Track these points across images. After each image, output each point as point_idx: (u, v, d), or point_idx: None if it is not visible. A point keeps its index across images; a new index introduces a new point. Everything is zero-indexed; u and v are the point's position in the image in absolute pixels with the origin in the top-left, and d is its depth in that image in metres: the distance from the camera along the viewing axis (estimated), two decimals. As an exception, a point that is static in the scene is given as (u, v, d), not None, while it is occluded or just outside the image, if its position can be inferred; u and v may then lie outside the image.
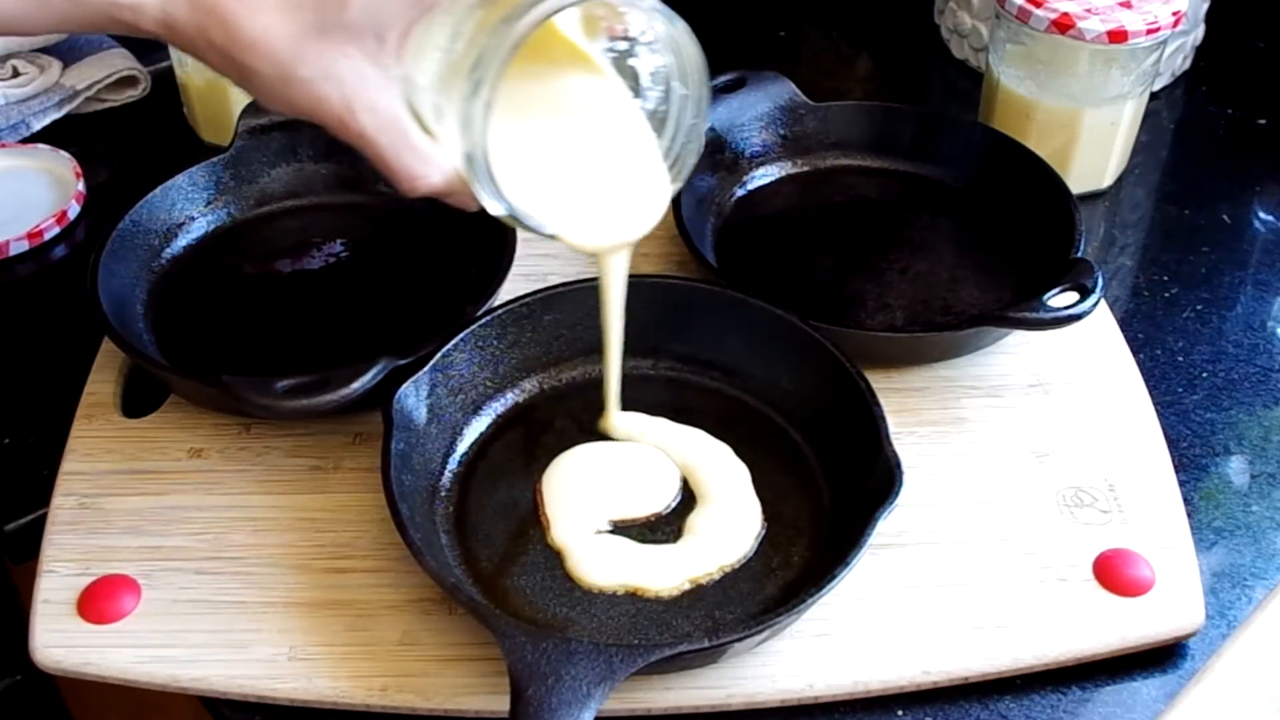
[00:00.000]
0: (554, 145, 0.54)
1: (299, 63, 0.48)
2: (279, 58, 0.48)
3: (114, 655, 0.55)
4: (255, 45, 0.48)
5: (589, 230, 0.56)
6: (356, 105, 0.49)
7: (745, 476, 0.62)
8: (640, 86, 0.55)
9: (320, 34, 0.48)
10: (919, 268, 0.75)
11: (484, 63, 0.47)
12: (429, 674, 0.54)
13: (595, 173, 0.55)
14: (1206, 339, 0.75)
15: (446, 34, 0.49)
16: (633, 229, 0.57)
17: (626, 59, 0.55)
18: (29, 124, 0.89)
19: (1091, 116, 0.82)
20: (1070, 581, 0.58)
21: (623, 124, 0.55)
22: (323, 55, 0.48)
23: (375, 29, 0.48)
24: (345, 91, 0.49)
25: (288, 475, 0.63)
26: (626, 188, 0.56)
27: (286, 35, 0.48)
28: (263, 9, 0.48)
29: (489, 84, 0.47)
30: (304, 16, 0.48)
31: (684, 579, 0.58)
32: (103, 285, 0.67)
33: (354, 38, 0.48)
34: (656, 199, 0.56)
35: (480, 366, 0.66)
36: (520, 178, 0.51)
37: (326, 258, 0.76)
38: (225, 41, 0.48)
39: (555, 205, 0.53)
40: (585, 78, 0.55)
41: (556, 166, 0.54)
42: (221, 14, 0.48)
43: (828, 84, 1.01)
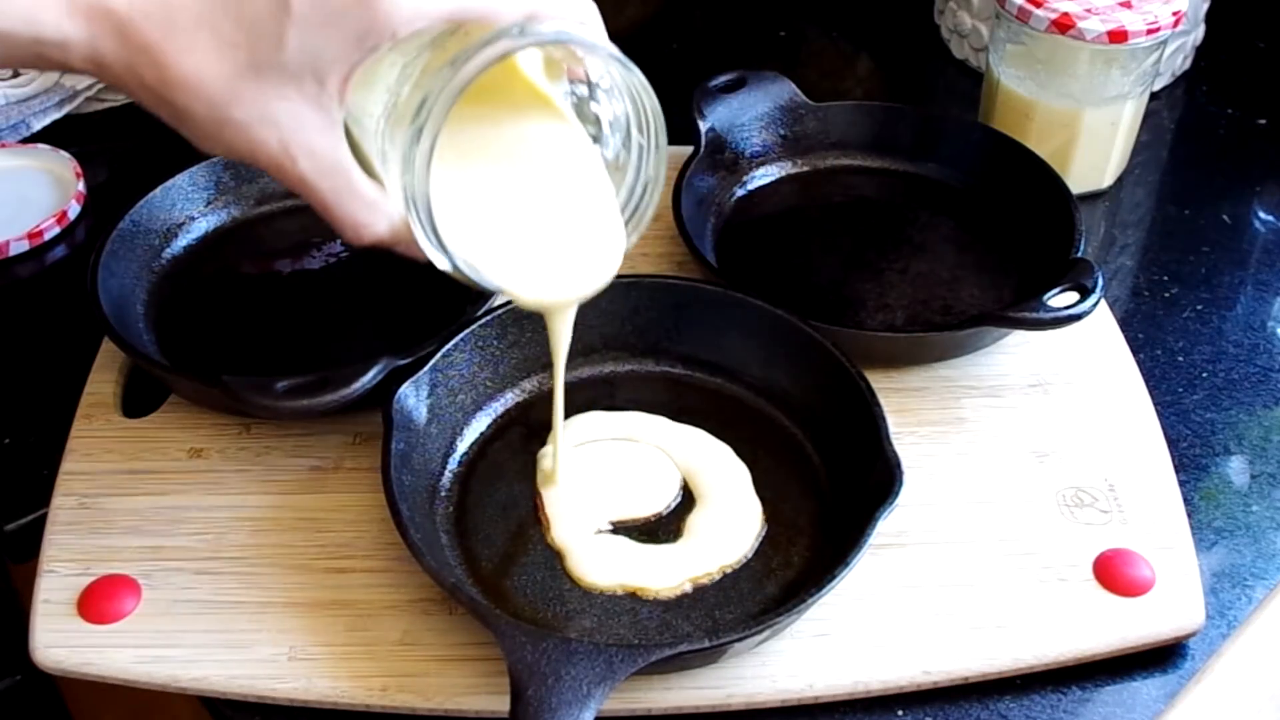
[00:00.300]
0: (504, 194, 0.52)
1: (233, 104, 0.46)
2: (212, 99, 0.45)
3: (114, 655, 0.55)
4: (187, 85, 0.45)
5: (537, 286, 0.53)
6: (295, 150, 0.47)
7: (746, 477, 0.62)
8: (601, 134, 0.53)
9: (256, 75, 0.45)
10: (919, 268, 0.75)
11: (427, 108, 0.45)
12: (429, 674, 0.54)
13: (547, 224, 0.53)
14: (1206, 339, 0.75)
15: (395, 74, 0.47)
16: (584, 285, 0.54)
17: (587, 104, 0.53)
18: (29, 124, 0.89)
19: (1091, 116, 0.82)
20: (1070, 581, 0.58)
21: (579, 173, 0.53)
22: (259, 97, 0.46)
23: (315, 70, 0.45)
24: (283, 135, 0.46)
25: (288, 475, 0.63)
26: (579, 241, 0.53)
27: (220, 75, 0.45)
28: (195, 48, 0.45)
29: (431, 130, 0.45)
30: (238, 56, 0.45)
31: (684, 579, 0.58)
32: (103, 285, 0.67)
33: (292, 79, 0.45)
34: (610, 254, 0.53)
35: (480, 366, 0.66)
36: (466, 228, 0.49)
37: (326, 258, 0.76)
38: (156, 81, 0.45)
39: (502, 258, 0.51)
40: (543, 122, 0.52)
41: (505, 217, 0.52)
42: (153, 53, 0.45)
43: (828, 84, 1.01)
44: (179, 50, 0.45)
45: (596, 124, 0.53)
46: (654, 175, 0.52)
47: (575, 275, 0.54)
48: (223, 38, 0.45)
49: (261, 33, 0.45)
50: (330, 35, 0.45)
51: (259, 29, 0.45)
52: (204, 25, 0.45)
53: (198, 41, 0.45)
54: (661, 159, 0.51)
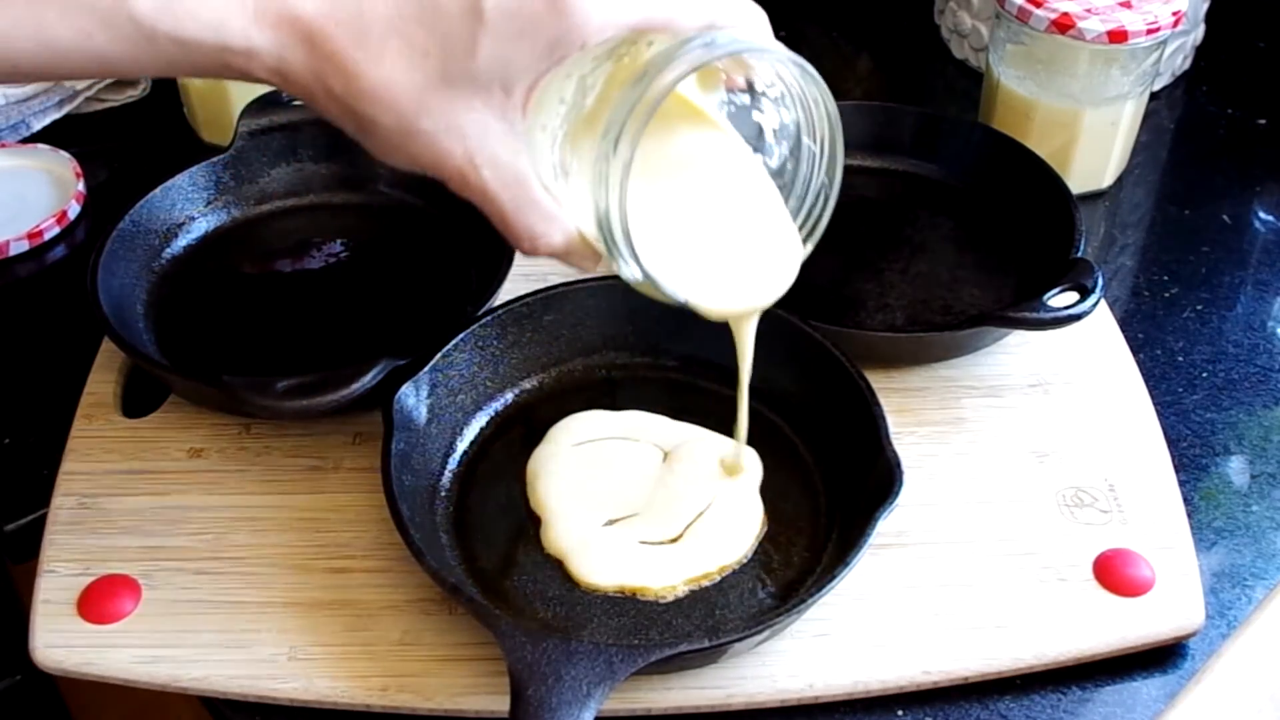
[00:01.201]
0: (682, 208, 0.51)
1: (422, 114, 0.45)
2: (402, 109, 0.45)
3: (114, 655, 0.55)
4: (377, 95, 0.45)
5: (721, 296, 0.53)
6: (479, 159, 0.46)
7: (753, 479, 0.62)
8: (763, 142, 0.52)
9: (446, 84, 0.45)
10: (919, 268, 0.75)
11: (622, 120, 0.44)
12: (429, 674, 0.54)
13: (725, 236, 0.52)
14: (1206, 339, 0.75)
15: (572, 87, 0.47)
16: (765, 294, 0.54)
17: (748, 112, 0.52)
18: (29, 124, 0.89)
19: (1091, 116, 0.82)
20: (1070, 581, 0.58)
21: (747, 183, 0.52)
22: (447, 107, 0.45)
23: (503, 80, 0.45)
24: (469, 146, 0.46)
25: (288, 475, 0.63)
26: (757, 251, 0.53)
27: (411, 85, 0.44)
28: (386, 57, 0.44)
29: (629, 143, 0.44)
30: (429, 65, 0.44)
31: (684, 580, 0.58)
32: (103, 285, 0.67)
33: (480, 89, 0.45)
34: (787, 261, 0.53)
35: (480, 366, 0.66)
36: (650, 242, 0.48)
37: (326, 258, 0.76)
38: (345, 91, 0.45)
39: (686, 270, 0.51)
40: (704, 134, 0.52)
41: (686, 229, 0.52)
42: (342, 62, 0.44)
43: (828, 84, 1.00)
44: (370, 59, 0.44)
45: (757, 132, 0.52)
46: (829, 181, 0.51)
47: (756, 284, 0.54)
48: (414, 46, 0.44)
49: (454, 41, 0.44)
50: (522, 44, 0.44)
51: (451, 37, 0.44)
52: (395, 33, 0.44)
53: (388, 50, 0.44)
54: (838, 165, 0.50)
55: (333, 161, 0.78)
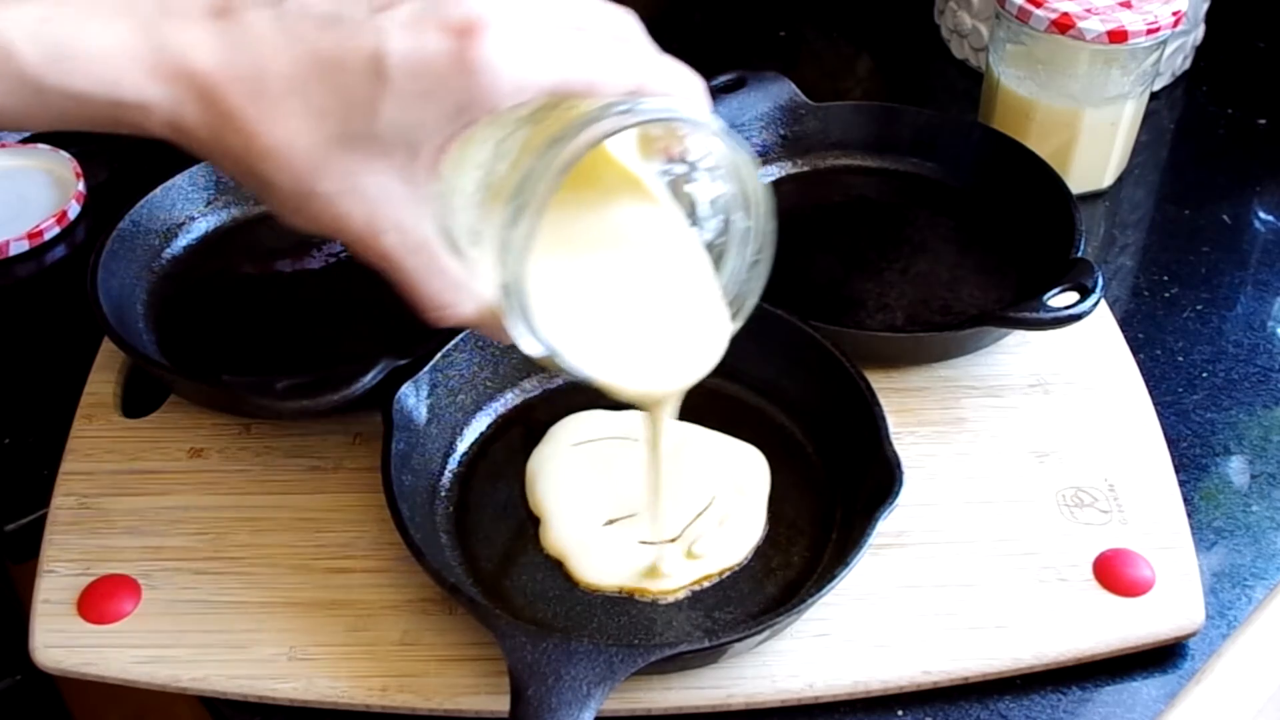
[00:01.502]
0: (600, 280, 0.48)
1: (321, 176, 0.43)
2: (299, 169, 0.43)
3: (114, 655, 0.55)
4: (273, 155, 0.42)
5: (636, 376, 0.50)
6: (381, 224, 0.44)
7: (762, 487, 0.62)
8: (698, 214, 0.49)
9: (346, 146, 0.43)
10: (919, 268, 0.75)
11: (528, 187, 0.42)
12: (429, 674, 0.54)
13: (646, 312, 0.49)
14: (1206, 339, 0.75)
15: (488, 151, 0.44)
16: (685, 375, 0.51)
17: (684, 183, 0.49)
18: (29, 124, 0.89)
19: (1091, 116, 0.82)
20: (1070, 581, 0.58)
21: (678, 257, 0.49)
22: (347, 169, 0.43)
23: (407, 142, 0.43)
24: (369, 209, 0.44)
25: (288, 475, 0.63)
26: (680, 329, 0.50)
27: (309, 146, 0.42)
28: (285, 116, 0.42)
29: (532, 211, 0.42)
30: (329, 126, 0.42)
31: (685, 581, 0.58)
32: (103, 285, 0.67)
33: (383, 151, 0.43)
34: (712, 342, 0.50)
35: (480, 366, 0.66)
36: (561, 315, 0.46)
37: (326, 258, 0.76)
38: (241, 150, 0.43)
39: (599, 347, 0.48)
40: (637, 204, 0.49)
41: (602, 304, 0.48)
42: (239, 121, 0.42)
43: (828, 84, 1.01)
44: (267, 118, 0.42)
45: (692, 204, 0.50)
46: (759, 258, 0.49)
47: (676, 365, 0.51)
48: (313, 106, 0.42)
49: (355, 101, 0.42)
50: (427, 107, 0.42)
51: (352, 98, 0.42)
52: (295, 92, 0.42)
53: (287, 109, 0.42)
54: (769, 241, 0.48)
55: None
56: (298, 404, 0.59)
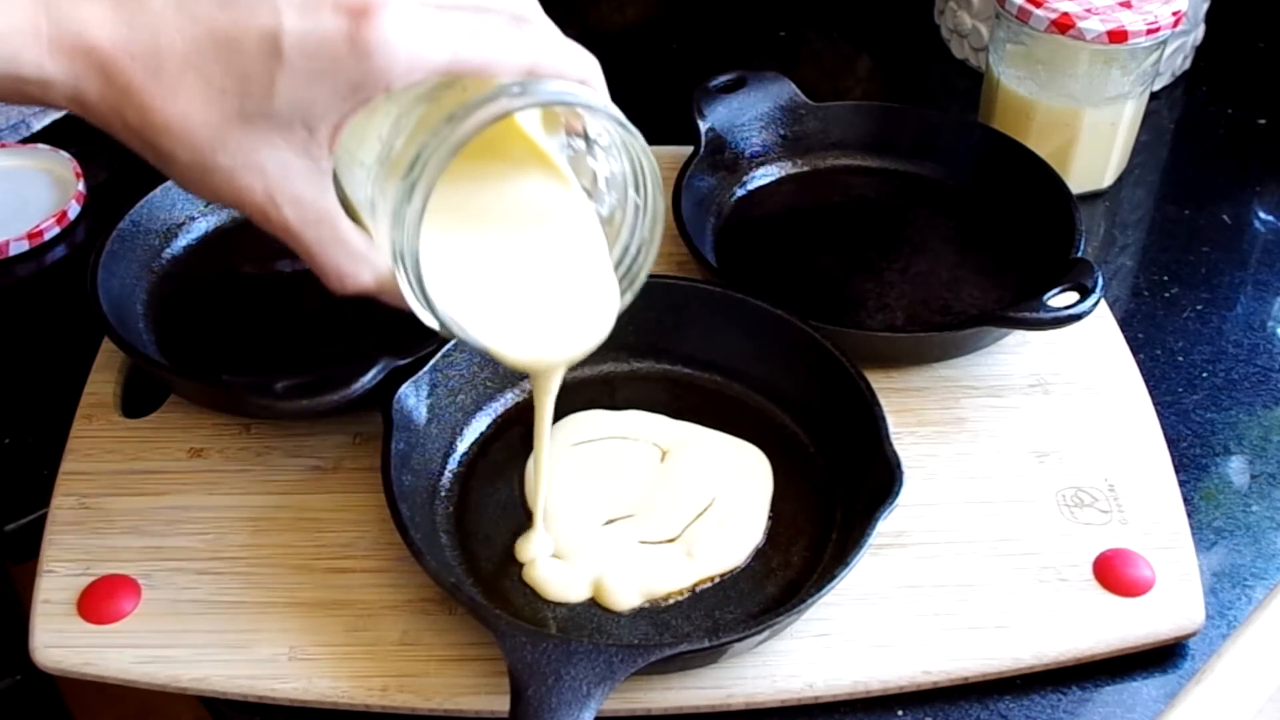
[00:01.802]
0: (494, 251, 0.50)
1: (219, 150, 0.44)
2: (197, 144, 0.44)
3: (114, 655, 0.55)
4: (171, 130, 0.44)
5: (525, 346, 0.51)
6: (280, 198, 0.45)
7: (765, 487, 0.62)
8: (597, 189, 0.51)
9: (244, 121, 0.44)
10: (919, 268, 0.75)
11: (421, 164, 0.44)
12: (429, 674, 0.54)
13: (538, 283, 0.51)
14: (1206, 339, 0.75)
15: (388, 126, 0.46)
16: (574, 346, 0.52)
17: (584, 159, 0.51)
18: (29, 124, 0.89)
19: (1091, 116, 0.82)
20: (1070, 581, 0.58)
21: (573, 230, 0.51)
22: (245, 144, 0.44)
23: (305, 119, 0.44)
24: (268, 183, 0.45)
25: (288, 475, 0.63)
26: (571, 301, 0.52)
27: (206, 122, 0.44)
28: (182, 92, 0.43)
29: (423, 188, 0.44)
30: (226, 102, 0.43)
31: (686, 582, 0.58)
32: (103, 285, 0.67)
33: (281, 127, 0.44)
34: (602, 314, 0.52)
35: (480, 366, 0.66)
36: (454, 284, 0.48)
37: (326, 258, 0.76)
38: (141, 125, 0.44)
39: (490, 316, 0.50)
40: (537, 178, 0.51)
41: (495, 275, 0.50)
42: (138, 96, 0.43)
43: (828, 84, 1.01)
44: (164, 94, 0.43)
45: (593, 179, 0.51)
46: (649, 237, 0.50)
47: (565, 337, 0.52)
48: (211, 83, 0.43)
49: (251, 79, 0.43)
50: (322, 85, 0.43)
51: (249, 75, 0.43)
52: (191, 69, 0.43)
53: (184, 85, 0.43)
54: (658, 221, 0.50)
55: (333, 161, 0.78)
56: (298, 404, 0.59)
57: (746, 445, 0.64)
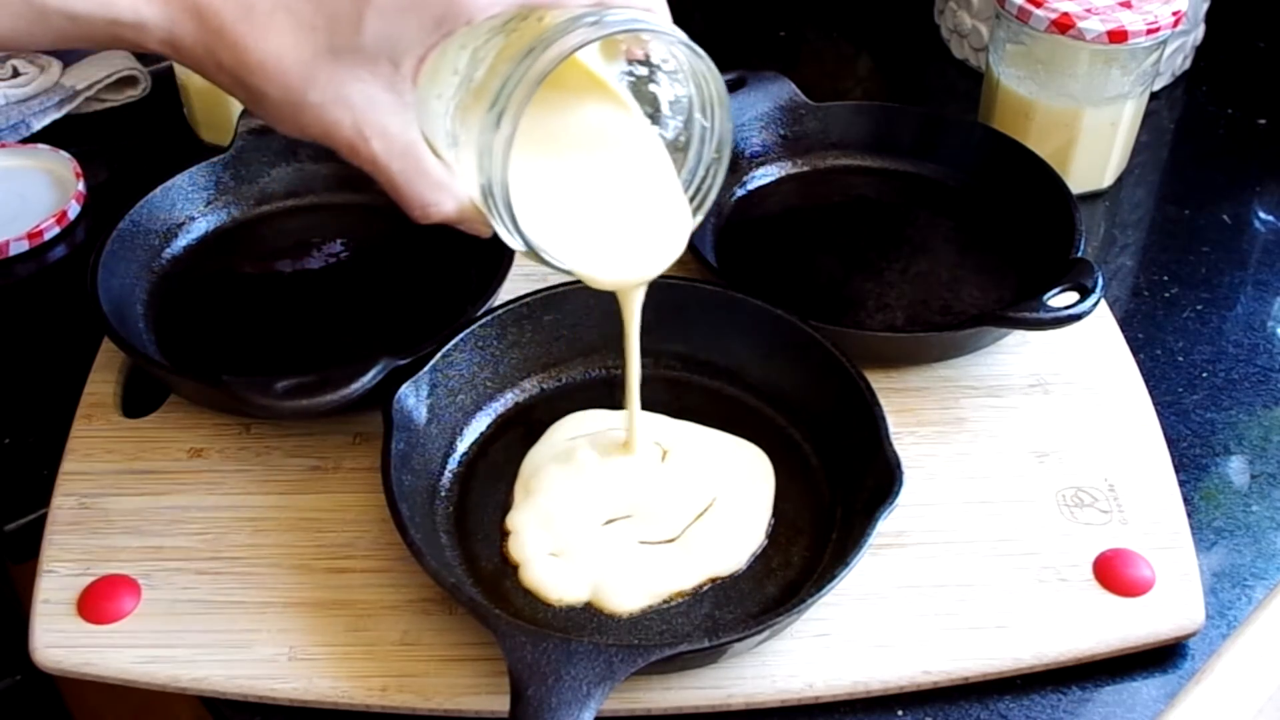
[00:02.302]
0: (572, 178, 0.53)
1: (310, 87, 0.46)
2: (289, 81, 0.46)
3: (114, 655, 0.55)
4: (265, 68, 0.46)
5: (607, 266, 0.54)
6: (368, 131, 0.47)
7: (767, 489, 0.62)
8: (660, 114, 0.53)
9: (333, 57, 0.46)
10: (919, 268, 0.75)
11: (506, 95, 0.45)
12: (429, 674, 0.54)
13: (614, 207, 0.54)
14: (1206, 339, 0.75)
15: (465, 59, 0.47)
16: (652, 265, 0.55)
17: (646, 84, 0.53)
18: (29, 124, 0.89)
19: (1091, 116, 0.82)
20: (1070, 581, 0.58)
21: (642, 155, 0.53)
22: (334, 79, 0.46)
23: (390, 53, 0.46)
24: (356, 116, 0.47)
25: (288, 475, 0.63)
26: (646, 222, 0.54)
27: (298, 59, 0.46)
28: (274, 31, 0.45)
29: (511, 117, 0.45)
30: (316, 39, 0.46)
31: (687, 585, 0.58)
32: (103, 285, 0.67)
33: (368, 62, 0.46)
34: (676, 233, 0.54)
35: (480, 366, 0.66)
36: (537, 211, 0.50)
37: (326, 258, 0.76)
38: (234, 64, 0.46)
39: (573, 240, 0.52)
40: (602, 106, 0.53)
41: (574, 200, 0.53)
42: (231, 36, 0.45)
43: (828, 84, 1.01)
44: (256, 33, 0.45)
45: (654, 104, 0.53)
46: (718, 156, 0.52)
47: (643, 255, 0.55)
48: (300, 20, 0.45)
49: (340, 16, 0.45)
50: (408, 20, 0.45)
51: (337, 12, 0.45)
52: (281, 7, 0.45)
53: (275, 24, 0.45)
54: (726, 141, 0.52)
55: (333, 161, 0.78)
56: (298, 404, 0.59)
57: (748, 445, 0.64)
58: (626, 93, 0.53)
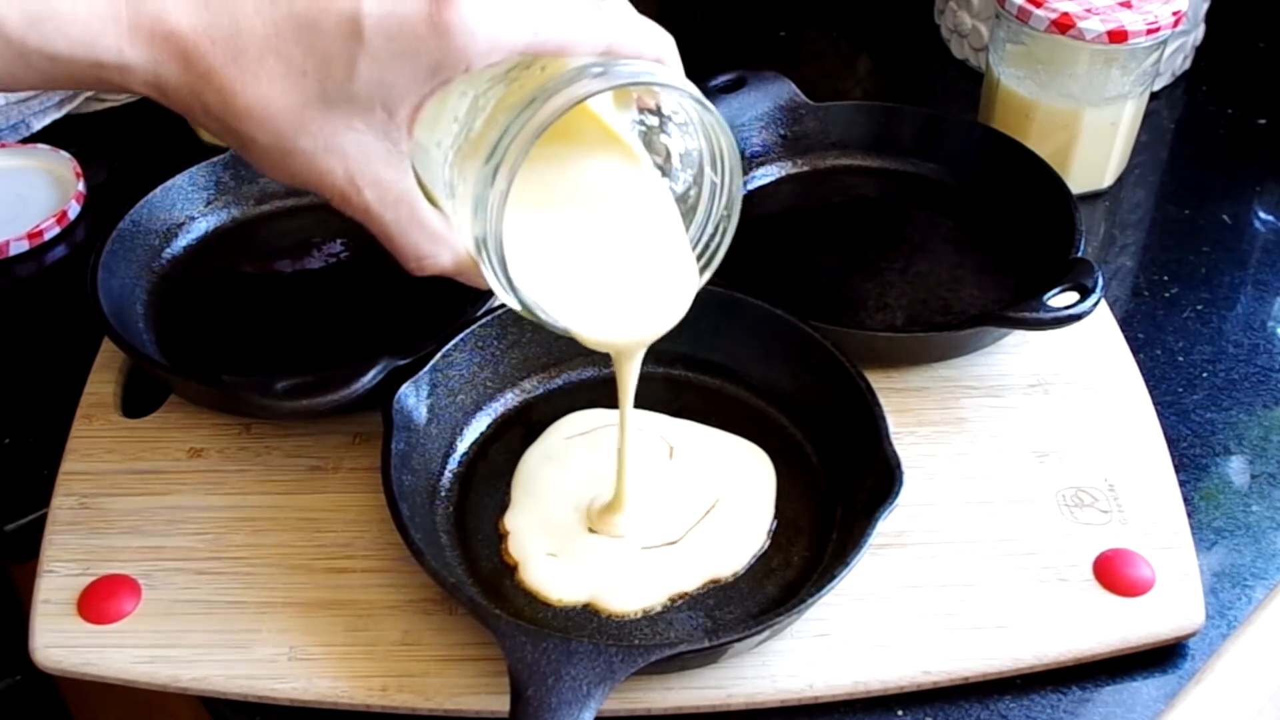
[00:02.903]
0: (573, 234, 0.50)
1: (300, 134, 0.44)
2: (278, 128, 0.44)
3: (114, 655, 0.55)
4: (253, 114, 0.44)
5: (606, 327, 0.52)
6: (360, 180, 0.46)
7: (768, 491, 0.62)
8: (671, 166, 0.51)
9: (324, 105, 0.44)
10: (919, 268, 0.75)
11: (504, 148, 0.43)
12: (429, 674, 0.54)
13: (617, 264, 0.51)
14: (1206, 339, 0.75)
15: (465, 106, 0.46)
16: (654, 326, 0.53)
17: (657, 135, 0.51)
18: (29, 124, 0.89)
19: (1091, 116, 0.82)
20: (1070, 581, 0.58)
21: (649, 211, 0.51)
22: (326, 127, 0.44)
23: (385, 100, 0.44)
24: (349, 166, 0.45)
25: (288, 475, 0.63)
26: (650, 281, 0.52)
27: (288, 105, 0.44)
28: (264, 76, 0.43)
29: (507, 172, 0.43)
30: (307, 85, 0.44)
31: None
32: (103, 285, 0.67)
33: (361, 110, 0.44)
34: (681, 294, 0.52)
35: (480, 366, 0.66)
36: (535, 267, 0.48)
37: (326, 258, 0.76)
38: (221, 109, 0.44)
39: (571, 298, 0.50)
40: (610, 158, 0.51)
41: (574, 256, 0.51)
42: (218, 80, 0.43)
43: (828, 84, 1.01)
44: (245, 78, 0.43)
45: (666, 156, 0.51)
46: (728, 214, 0.50)
47: (645, 316, 0.52)
48: (291, 65, 0.43)
49: (332, 62, 0.43)
50: (402, 67, 0.43)
51: (329, 58, 0.43)
52: (272, 52, 0.43)
53: (265, 69, 0.43)
54: (737, 198, 0.50)
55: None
56: (298, 404, 0.59)
57: (749, 445, 0.64)
58: (637, 143, 0.51)
